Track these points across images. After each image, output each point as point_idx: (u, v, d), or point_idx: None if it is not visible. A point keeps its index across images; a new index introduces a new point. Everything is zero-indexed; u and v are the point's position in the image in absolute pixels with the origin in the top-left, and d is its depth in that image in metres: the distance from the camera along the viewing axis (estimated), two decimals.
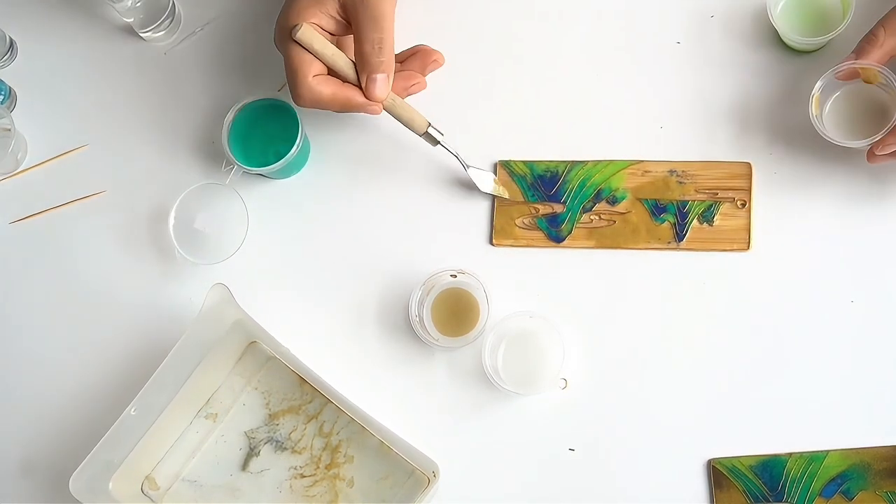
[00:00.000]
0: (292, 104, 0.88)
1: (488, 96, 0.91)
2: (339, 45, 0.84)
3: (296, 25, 0.81)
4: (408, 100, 0.85)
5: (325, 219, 0.92)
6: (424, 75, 0.86)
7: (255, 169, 0.88)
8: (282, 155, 0.87)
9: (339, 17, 0.82)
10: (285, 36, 0.82)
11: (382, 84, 0.81)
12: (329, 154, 0.93)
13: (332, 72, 0.83)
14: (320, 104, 0.82)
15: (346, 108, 0.82)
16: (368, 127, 0.93)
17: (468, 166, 0.88)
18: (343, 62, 0.82)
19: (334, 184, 0.92)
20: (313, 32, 0.81)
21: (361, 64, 0.81)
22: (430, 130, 0.85)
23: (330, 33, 0.83)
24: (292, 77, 0.82)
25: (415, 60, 0.86)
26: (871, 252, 0.84)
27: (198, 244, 0.91)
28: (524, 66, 0.91)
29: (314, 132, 0.93)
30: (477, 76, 0.91)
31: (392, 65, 0.82)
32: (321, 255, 0.91)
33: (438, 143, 0.86)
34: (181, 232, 0.90)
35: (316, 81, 0.81)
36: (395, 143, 0.92)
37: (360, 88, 0.82)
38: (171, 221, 0.90)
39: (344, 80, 0.82)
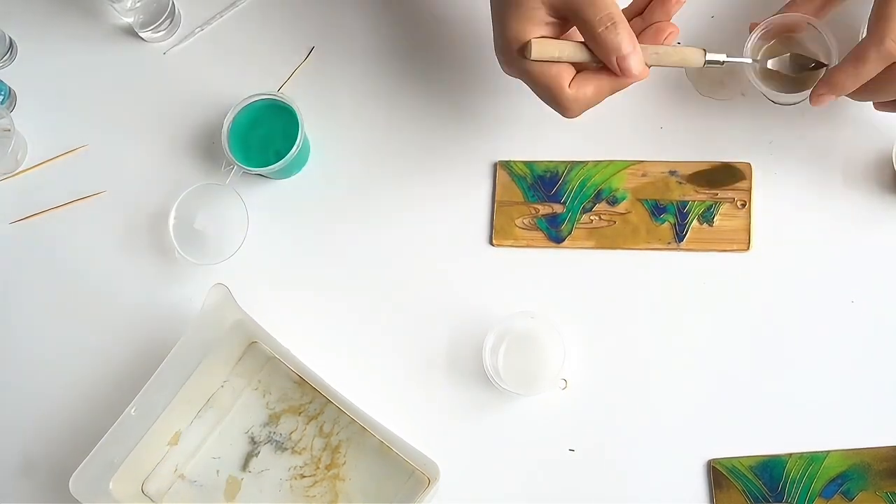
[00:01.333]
0: (291, 104, 0.88)
1: (488, 96, 0.91)
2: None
3: (524, 46, 0.75)
4: None
5: (325, 219, 0.92)
6: (670, 19, 0.78)
7: (255, 169, 0.88)
8: (282, 155, 0.87)
9: (553, 20, 0.76)
10: (516, 61, 0.76)
11: (634, 59, 0.75)
12: (329, 154, 0.93)
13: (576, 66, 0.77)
14: (590, 105, 0.77)
15: (615, 92, 0.77)
16: (369, 126, 0.93)
17: (758, 62, 0.82)
18: (586, 55, 0.76)
19: (334, 184, 0.92)
20: (544, 43, 0.75)
21: (603, 50, 0.74)
22: (709, 56, 0.78)
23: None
24: (551, 95, 0.76)
25: (656, 8, 0.79)
26: (872, 252, 0.84)
27: (198, 244, 0.91)
28: None
29: (314, 132, 0.93)
30: (477, 75, 0.91)
31: (632, 33, 0.75)
32: (321, 255, 0.91)
33: (726, 61, 0.78)
34: (181, 232, 0.90)
35: (575, 88, 0.76)
36: (396, 142, 0.92)
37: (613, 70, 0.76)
38: (171, 221, 0.90)
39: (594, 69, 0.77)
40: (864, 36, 0.75)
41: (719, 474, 0.82)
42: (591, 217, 0.88)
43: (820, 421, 0.82)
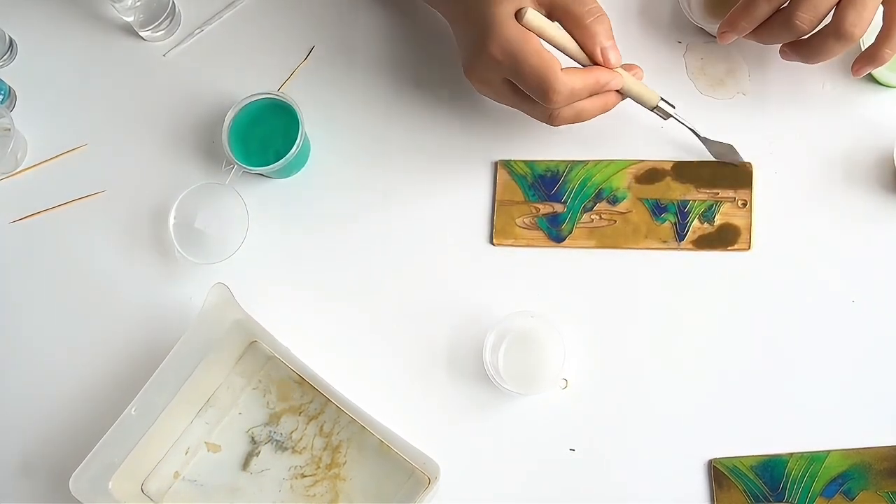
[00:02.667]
0: (292, 103, 0.88)
1: None
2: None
3: (520, 10, 0.75)
4: None
5: (325, 218, 0.92)
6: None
7: (255, 169, 0.88)
8: (282, 154, 0.87)
9: (538, 11, 0.78)
10: (506, 38, 0.76)
11: (615, 51, 0.78)
12: (330, 153, 0.93)
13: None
14: (573, 97, 0.77)
15: (594, 91, 0.78)
16: (369, 126, 0.93)
17: (704, 138, 0.85)
18: (572, 42, 0.77)
19: (334, 183, 0.92)
20: (539, 15, 0.76)
21: (590, 39, 0.77)
22: (662, 104, 0.82)
23: None
24: (543, 79, 0.75)
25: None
26: (872, 252, 0.84)
27: (198, 244, 0.91)
28: None
29: (315, 131, 0.93)
30: None
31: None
32: (321, 255, 0.91)
33: (671, 116, 0.83)
34: (181, 231, 0.90)
35: (566, 74, 0.76)
36: (395, 141, 0.92)
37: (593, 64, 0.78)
38: (172, 221, 0.90)
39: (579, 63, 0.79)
40: None
41: (720, 474, 0.82)
42: (592, 216, 0.88)
43: (821, 420, 0.82)
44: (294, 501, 0.87)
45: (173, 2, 0.96)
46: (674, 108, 0.83)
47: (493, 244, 0.89)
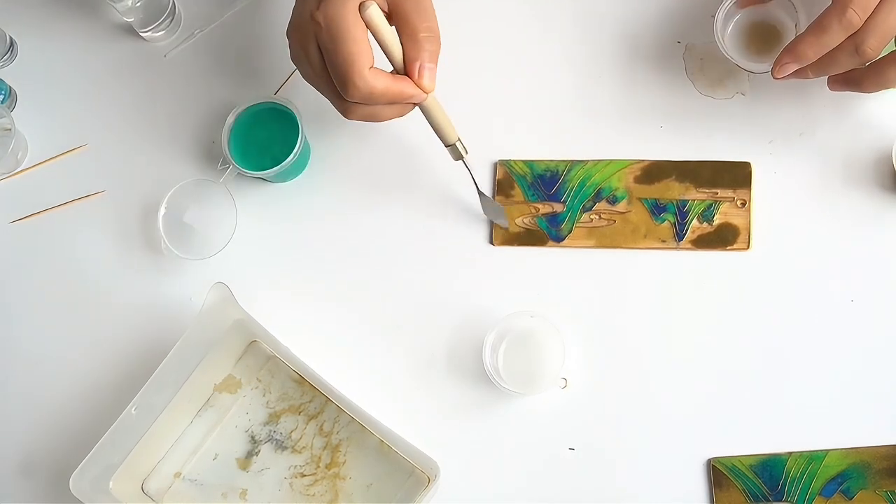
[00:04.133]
0: (293, 108, 0.88)
1: (488, 96, 0.91)
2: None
3: (364, 2, 0.74)
4: None
5: (325, 219, 0.92)
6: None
7: (254, 172, 0.88)
8: (280, 159, 0.87)
9: (384, 9, 0.77)
10: (341, 13, 0.74)
11: (432, 73, 0.78)
12: (329, 158, 0.93)
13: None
14: (371, 98, 0.76)
15: (394, 100, 0.77)
16: (367, 131, 0.93)
17: (482, 193, 0.87)
18: (399, 50, 0.77)
19: (334, 184, 0.92)
20: (381, 14, 0.76)
21: (415, 52, 0.76)
22: (458, 144, 0.82)
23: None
24: (349, 66, 0.74)
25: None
26: (871, 251, 0.84)
27: (185, 239, 0.91)
28: (525, 66, 0.91)
29: (314, 134, 0.93)
30: (477, 75, 0.91)
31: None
32: (320, 256, 0.91)
33: (462, 158, 0.83)
34: (169, 225, 0.91)
35: (372, 74, 0.75)
36: (395, 145, 0.92)
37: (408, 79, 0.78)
38: (161, 212, 0.90)
39: (395, 70, 0.78)
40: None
41: (719, 473, 0.82)
42: (592, 216, 0.88)
43: (820, 420, 0.82)
44: (294, 501, 0.87)
45: (173, 2, 0.96)
46: (467, 153, 0.83)
47: (492, 244, 0.89)
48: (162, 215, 0.90)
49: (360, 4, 0.75)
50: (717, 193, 0.86)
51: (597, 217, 0.88)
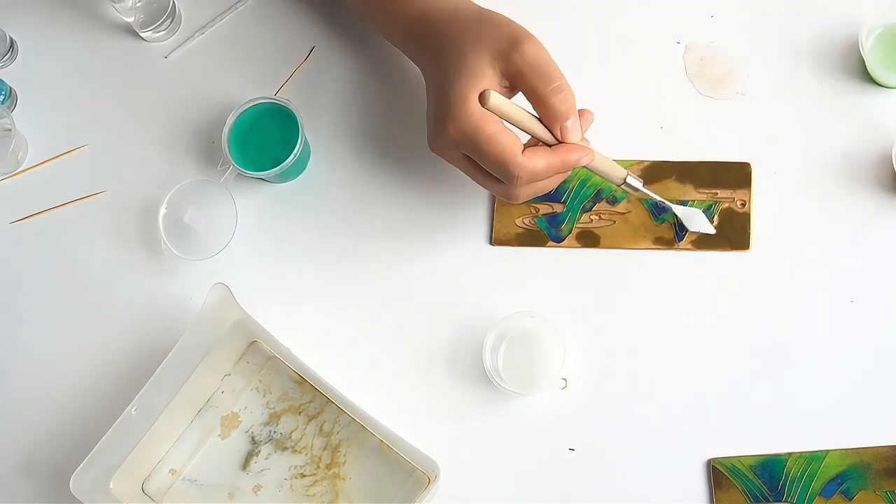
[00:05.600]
0: (293, 109, 0.88)
1: None
2: None
3: (483, 92, 0.74)
4: None
5: (325, 219, 0.92)
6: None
7: (254, 173, 0.88)
8: (280, 160, 0.87)
9: (500, 87, 0.77)
10: (463, 121, 0.75)
11: (575, 127, 0.77)
12: (329, 158, 0.93)
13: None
14: (536, 178, 0.76)
15: (559, 171, 0.77)
16: (367, 132, 0.93)
17: (678, 207, 0.85)
18: (535, 121, 0.76)
19: (334, 185, 0.92)
20: (500, 97, 0.75)
21: (551, 117, 0.76)
22: (629, 179, 0.81)
23: None
24: (502, 162, 0.75)
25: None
26: (871, 252, 0.84)
27: (185, 239, 0.91)
28: None
29: (315, 135, 0.93)
30: None
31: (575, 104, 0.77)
32: (321, 256, 0.91)
33: (639, 189, 0.82)
34: (170, 225, 0.91)
35: (527, 157, 0.75)
36: (395, 146, 0.92)
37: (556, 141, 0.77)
38: (162, 212, 0.90)
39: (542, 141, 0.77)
40: None
41: (719, 474, 0.82)
42: (592, 217, 0.88)
43: (819, 420, 0.82)
44: (294, 501, 0.87)
45: (174, 2, 0.96)
46: (641, 181, 0.82)
47: (492, 244, 0.89)
48: (162, 215, 0.91)
49: (480, 97, 0.75)
50: (717, 194, 0.86)
51: (597, 217, 0.88)
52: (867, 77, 0.86)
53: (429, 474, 0.81)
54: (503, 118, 0.76)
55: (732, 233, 0.86)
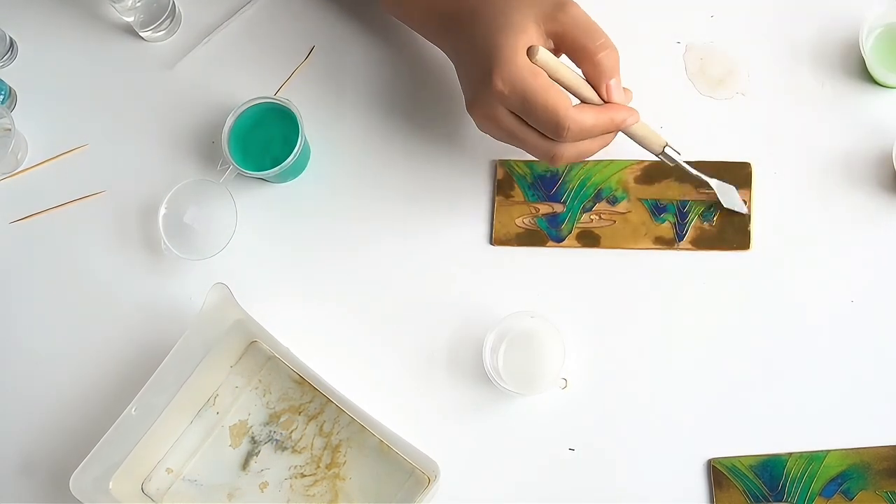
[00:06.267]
0: (293, 109, 0.88)
1: None
2: None
3: (532, 47, 0.74)
4: None
5: (325, 219, 0.92)
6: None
7: (254, 173, 0.88)
8: (280, 160, 0.87)
9: (547, 48, 0.76)
10: (514, 75, 0.74)
11: (619, 87, 0.77)
12: (329, 156, 0.93)
13: None
14: (584, 135, 0.76)
15: (606, 130, 0.77)
16: (367, 132, 0.93)
17: (714, 182, 0.84)
18: (581, 81, 0.76)
19: (334, 185, 0.92)
20: (551, 54, 0.74)
21: (597, 75, 0.76)
22: (668, 150, 0.81)
23: None
24: (553, 114, 0.74)
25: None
26: (872, 252, 0.84)
27: (185, 239, 0.91)
28: None
29: (315, 136, 0.93)
30: None
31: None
32: (320, 256, 0.91)
33: (677, 162, 0.81)
34: (169, 225, 0.91)
35: (577, 111, 0.74)
36: (394, 145, 0.92)
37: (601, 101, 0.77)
38: (161, 212, 0.90)
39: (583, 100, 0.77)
40: None
41: (719, 474, 0.82)
42: (592, 217, 0.88)
43: (820, 420, 0.82)
44: (294, 501, 0.87)
45: (174, 2, 0.96)
46: (679, 154, 0.81)
47: (492, 244, 0.89)
48: (162, 215, 0.91)
49: (528, 51, 0.74)
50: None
51: (597, 217, 0.88)
52: (867, 77, 0.86)
53: (429, 474, 0.81)
54: (551, 76, 0.75)
55: (733, 233, 0.86)
